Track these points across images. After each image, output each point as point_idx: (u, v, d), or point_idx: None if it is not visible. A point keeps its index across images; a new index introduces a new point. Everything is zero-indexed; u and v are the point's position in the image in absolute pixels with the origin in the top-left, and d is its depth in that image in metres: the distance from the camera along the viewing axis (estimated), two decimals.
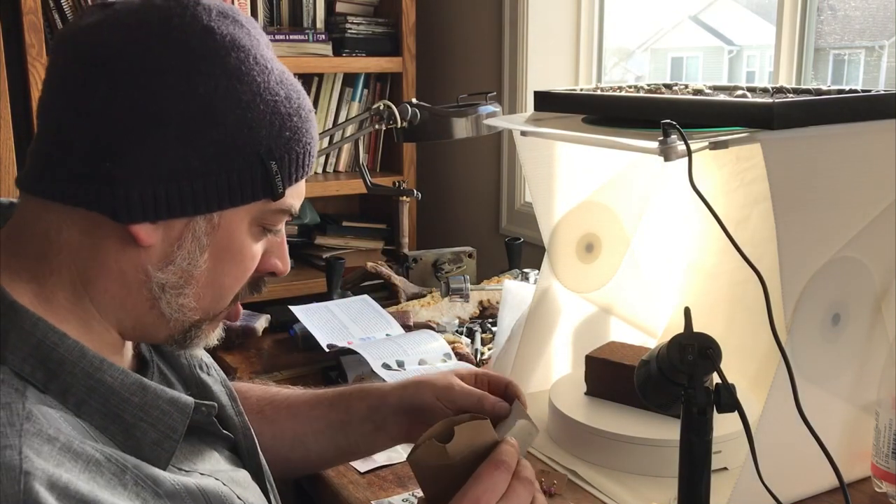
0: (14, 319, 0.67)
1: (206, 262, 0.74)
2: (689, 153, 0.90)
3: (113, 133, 0.68)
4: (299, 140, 0.75)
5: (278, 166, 0.73)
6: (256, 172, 0.72)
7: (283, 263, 0.82)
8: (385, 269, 1.86)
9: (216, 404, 0.81)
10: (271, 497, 0.91)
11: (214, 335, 0.81)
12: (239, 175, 0.71)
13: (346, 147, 2.66)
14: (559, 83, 2.38)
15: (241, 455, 0.88)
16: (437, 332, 1.61)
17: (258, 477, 0.89)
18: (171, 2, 0.71)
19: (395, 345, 1.46)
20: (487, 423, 0.82)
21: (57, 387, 0.67)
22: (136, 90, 0.68)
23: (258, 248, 0.78)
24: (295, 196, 0.78)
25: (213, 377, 0.90)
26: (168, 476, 0.71)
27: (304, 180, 0.80)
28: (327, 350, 1.49)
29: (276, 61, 0.77)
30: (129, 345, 0.80)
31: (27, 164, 0.73)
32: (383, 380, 1.33)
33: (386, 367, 1.38)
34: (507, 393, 0.97)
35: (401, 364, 1.40)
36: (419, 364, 1.42)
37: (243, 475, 0.85)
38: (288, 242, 2.44)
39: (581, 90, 1.30)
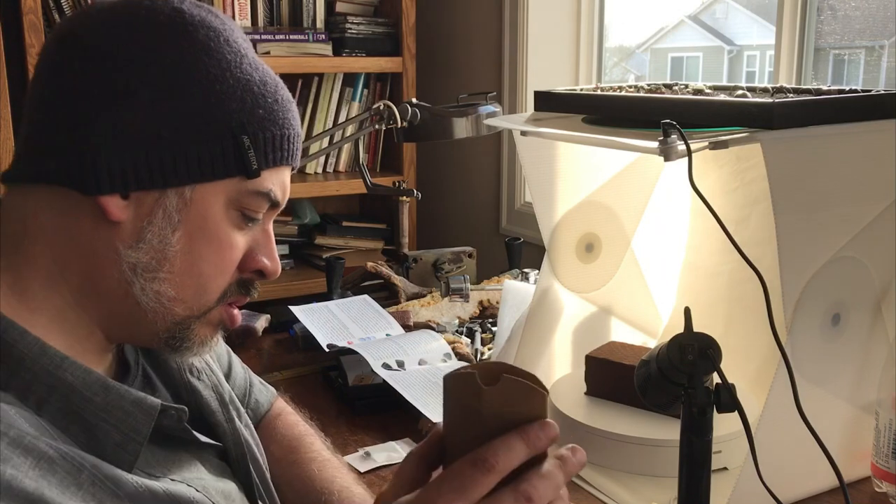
0: None
1: (178, 242, 0.72)
2: (689, 153, 0.90)
3: (82, 104, 0.69)
4: (275, 121, 0.74)
5: (251, 142, 0.72)
6: (228, 146, 0.71)
7: (272, 262, 0.79)
8: (385, 269, 1.86)
9: (186, 408, 0.77)
10: None
11: (211, 342, 0.78)
12: (209, 148, 0.71)
13: (346, 147, 2.66)
14: (559, 83, 2.38)
15: (231, 464, 0.85)
16: (437, 331, 1.61)
17: (248, 488, 0.85)
18: None
19: (395, 345, 1.46)
20: (544, 396, 0.62)
21: (17, 384, 0.66)
22: (104, 61, 0.69)
23: (239, 239, 0.76)
24: (276, 183, 0.76)
25: (204, 382, 0.88)
26: (131, 478, 0.68)
27: (287, 172, 0.78)
28: (327, 350, 1.49)
29: (253, 53, 0.77)
30: (111, 349, 0.78)
31: (12, 160, 0.74)
32: (383, 379, 1.33)
33: (386, 366, 1.38)
34: None
35: (401, 364, 1.40)
36: (419, 364, 1.42)
37: (229, 486, 0.82)
38: (288, 242, 2.45)
39: (581, 90, 1.30)
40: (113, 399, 0.70)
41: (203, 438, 0.81)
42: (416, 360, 1.43)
